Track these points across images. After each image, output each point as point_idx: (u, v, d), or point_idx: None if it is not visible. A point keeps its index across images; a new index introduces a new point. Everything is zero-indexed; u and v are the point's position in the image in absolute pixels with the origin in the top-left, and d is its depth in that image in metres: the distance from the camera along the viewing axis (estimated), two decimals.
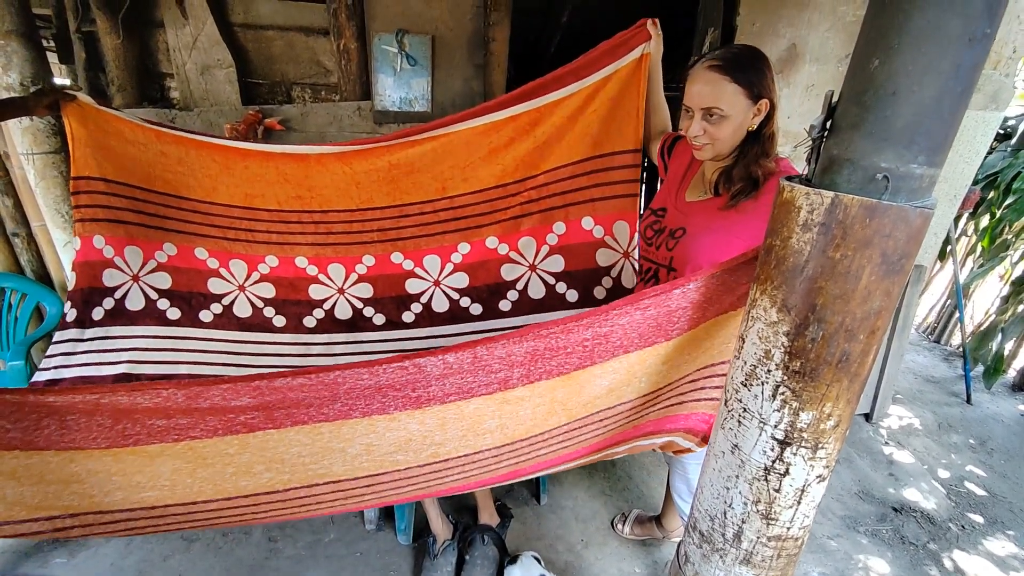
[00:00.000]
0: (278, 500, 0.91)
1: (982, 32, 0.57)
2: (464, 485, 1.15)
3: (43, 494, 0.80)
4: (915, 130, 0.61)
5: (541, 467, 1.20)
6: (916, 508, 2.20)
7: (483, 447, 0.95)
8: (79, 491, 0.81)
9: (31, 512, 0.82)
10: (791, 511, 0.79)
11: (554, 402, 0.91)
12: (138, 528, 0.92)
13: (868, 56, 0.63)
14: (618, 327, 0.84)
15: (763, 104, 1.11)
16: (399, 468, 0.93)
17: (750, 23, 2.06)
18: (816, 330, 0.70)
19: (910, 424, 2.82)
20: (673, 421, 1.19)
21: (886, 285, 0.66)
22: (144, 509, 0.87)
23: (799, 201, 0.68)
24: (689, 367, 1.02)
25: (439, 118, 2.15)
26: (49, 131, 2.01)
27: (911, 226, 0.63)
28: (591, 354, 0.85)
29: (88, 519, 0.86)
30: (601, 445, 1.17)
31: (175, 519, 0.90)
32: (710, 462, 0.89)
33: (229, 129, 2.01)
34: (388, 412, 0.82)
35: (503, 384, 0.84)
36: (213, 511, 0.90)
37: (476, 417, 0.88)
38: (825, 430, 0.74)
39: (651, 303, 0.83)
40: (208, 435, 0.79)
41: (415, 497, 1.20)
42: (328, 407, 0.80)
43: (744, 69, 1.09)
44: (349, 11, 1.98)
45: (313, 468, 0.87)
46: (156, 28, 2.06)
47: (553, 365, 0.85)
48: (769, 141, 1.15)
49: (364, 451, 0.86)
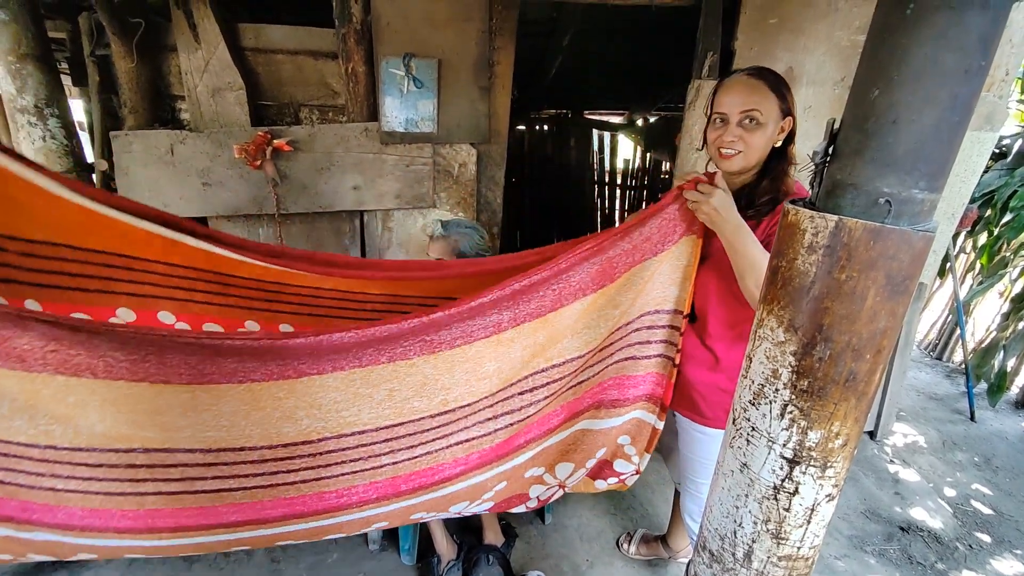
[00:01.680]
0: (310, 454, 1.00)
1: (977, 64, 0.60)
2: (466, 460, 1.17)
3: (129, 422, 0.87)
4: (916, 157, 0.64)
5: (530, 432, 1.27)
6: (923, 527, 2.19)
7: (483, 394, 1.10)
8: (160, 422, 0.88)
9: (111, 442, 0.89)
10: (801, 530, 0.80)
11: (536, 344, 1.12)
12: (191, 477, 0.96)
13: (868, 86, 0.65)
14: (575, 274, 1.12)
15: (788, 121, 1.15)
16: (415, 418, 1.05)
17: (748, 47, 2.11)
18: (823, 349, 0.71)
19: (915, 442, 2.81)
20: (633, 383, 1.36)
21: (891, 306, 0.68)
22: (201, 452, 0.93)
23: (804, 224, 0.70)
24: (633, 310, 1.26)
25: (444, 140, 2.21)
26: (61, 151, 2.05)
27: (914, 249, 0.65)
28: (560, 297, 1.11)
29: (157, 456, 0.92)
30: (579, 405, 1.35)
31: (224, 468, 0.97)
32: (719, 481, 0.90)
33: (238, 149, 2.05)
34: (409, 358, 0.99)
35: (496, 327, 1.05)
36: (255, 462, 0.97)
37: (477, 359, 1.05)
38: (834, 449, 0.75)
39: (590, 252, 1.14)
40: (266, 379, 0.90)
41: (425, 472, 1.14)
42: (363, 352, 0.96)
43: (779, 84, 1.15)
44: (358, 36, 2.03)
45: (344, 415, 0.98)
46: (169, 52, 2.10)
47: (532, 307, 1.08)
48: (787, 161, 1.19)
49: (387, 396, 1.00)
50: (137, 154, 2.08)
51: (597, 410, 1.39)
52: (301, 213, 2.26)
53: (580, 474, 1.48)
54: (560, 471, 1.45)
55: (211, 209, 2.19)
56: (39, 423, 0.84)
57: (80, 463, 0.90)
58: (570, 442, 1.42)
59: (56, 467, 0.89)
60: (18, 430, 0.84)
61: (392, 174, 2.22)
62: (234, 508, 1.02)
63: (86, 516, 0.96)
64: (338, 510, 1.11)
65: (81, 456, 0.89)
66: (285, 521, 1.09)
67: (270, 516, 1.06)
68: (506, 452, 1.26)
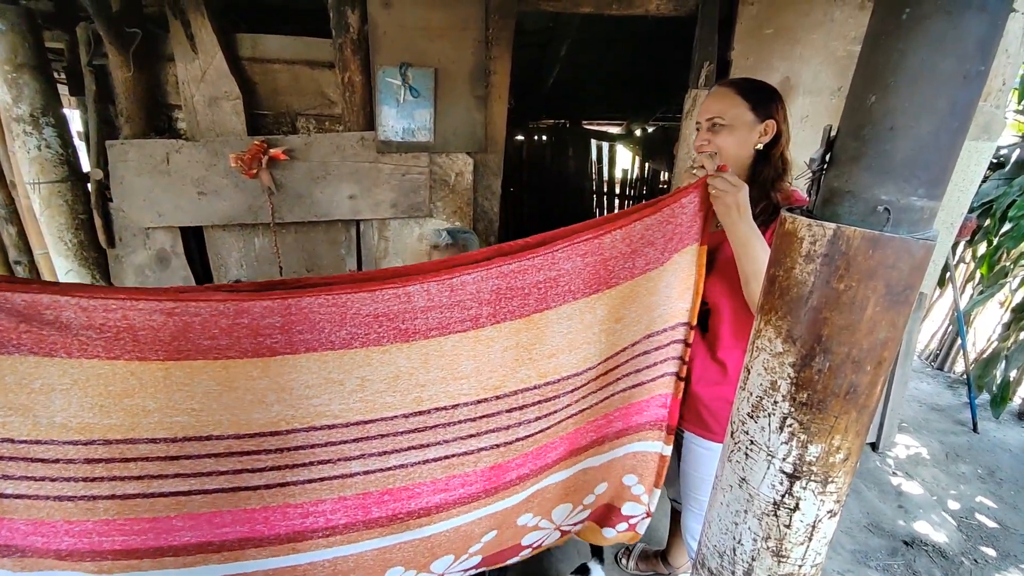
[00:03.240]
0: (277, 449, 0.94)
1: (976, 70, 0.59)
2: (447, 484, 1.06)
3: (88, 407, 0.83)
4: (914, 164, 0.62)
5: (524, 466, 1.13)
6: (927, 541, 2.15)
7: (461, 399, 1.00)
8: (127, 406, 0.84)
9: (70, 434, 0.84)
10: (802, 548, 0.77)
11: (519, 347, 1.01)
12: (150, 475, 0.90)
13: (865, 92, 0.64)
14: (564, 272, 0.99)
15: (769, 124, 1.15)
16: (387, 416, 0.97)
17: (744, 57, 2.11)
18: (822, 361, 0.69)
19: (917, 454, 2.78)
20: (638, 410, 1.27)
21: (891, 316, 0.66)
22: (165, 442, 0.88)
23: (801, 232, 0.69)
24: (638, 328, 1.15)
25: (440, 149, 2.20)
26: (56, 160, 2.04)
27: (914, 257, 0.63)
28: (545, 297, 1.00)
29: (118, 449, 0.86)
30: (582, 439, 1.23)
31: (187, 463, 0.90)
32: (717, 496, 0.87)
33: (234, 159, 2.04)
34: (381, 344, 0.92)
35: (474, 322, 0.96)
36: (221, 455, 0.91)
37: (454, 355, 0.97)
38: (835, 463, 0.72)
39: (587, 249, 1.00)
40: (241, 356, 0.86)
41: (400, 493, 1.03)
42: (335, 333, 0.88)
43: (751, 88, 1.18)
44: (355, 46, 2.03)
45: (314, 403, 0.92)
46: (166, 62, 2.10)
47: (515, 305, 0.98)
48: (782, 164, 1.19)
49: (359, 386, 0.93)
50: (133, 163, 2.07)
51: (601, 445, 1.29)
52: (297, 222, 2.25)
53: (579, 515, 1.40)
54: (557, 515, 1.35)
55: (206, 218, 2.18)
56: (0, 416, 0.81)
57: (36, 458, 0.85)
58: (570, 485, 1.30)
59: (9, 465, 0.84)
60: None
61: (388, 183, 2.21)
62: (190, 522, 0.94)
63: (30, 532, 0.89)
64: (302, 538, 1.00)
65: (38, 450, 0.84)
66: (242, 548, 0.98)
67: (226, 538, 0.97)
68: (495, 487, 1.12)
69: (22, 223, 2.47)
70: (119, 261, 2.24)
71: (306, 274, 2.39)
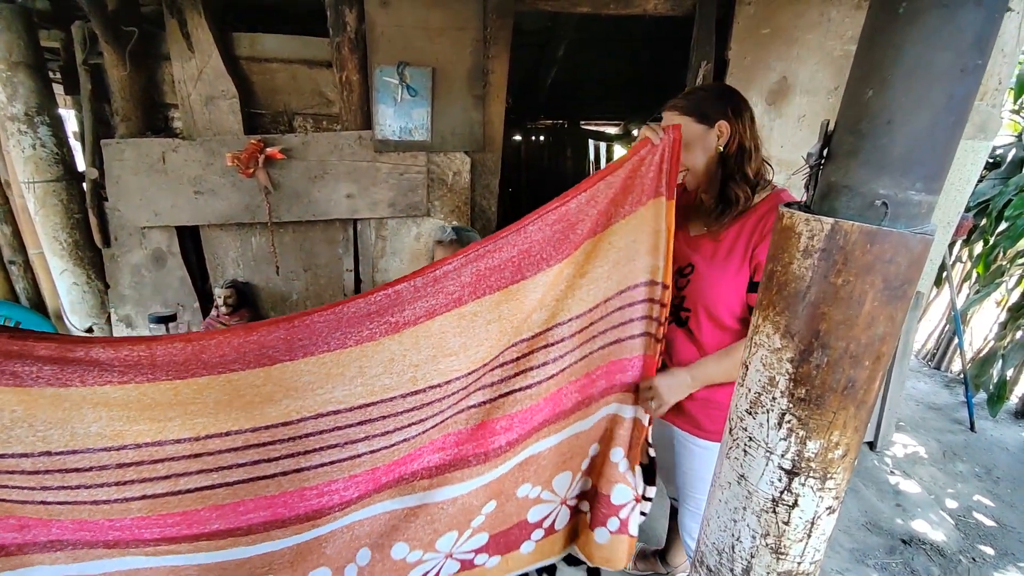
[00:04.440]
0: (289, 438, 1.01)
1: (973, 64, 0.59)
2: (443, 442, 1.14)
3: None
4: (911, 158, 0.62)
5: (511, 429, 1.19)
6: (925, 540, 2.15)
7: (452, 374, 1.07)
8: (149, 416, 0.93)
9: None
10: (801, 545, 0.77)
11: (502, 319, 1.09)
12: (176, 473, 0.98)
13: (862, 87, 0.64)
14: (535, 243, 1.07)
15: (721, 126, 1.17)
16: (386, 398, 1.05)
17: (741, 57, 2.12)
18: (820, 356, 0.69)
19: (915, 452, 2.78)
20: (621, 368, 1.28)
21: (889, 311, 0.66)
22: (189, 441, 0.96)
23: (799, 227, 0.69)
24: (609, 284, 1.19)
25: (438, 148, 2.20)
26: (51, 160, 2.03)
27: (912, 252, 0.63)
28: (520, 268, 1.07)
29: (147, 452, 0.95)
30: (565, 400, 1.25)
31: (209, 459, 0.98)
32: (716, 493, 0.87)
33: (231, 158, 2.03)
34: (375, 339, 1.00)
35: (457, 302, 1.04)
36: (239, 449, 0.99)
37: (441, 335, 1.04)
38: (833, 459, 0.72)
39: (555, 217, 1.07)
40: (243, 368, 0.95)
41: (403, 461, 1.11)
42: (332, 336, 0.98)
43: (692, 99, 1.21)
44: (352, 45, 2.03)
45: (319, 392, 1.00)
46: (162, 60, 2.10)
47: (492, 281, 1.06)
48: (736, 160, 1.19)
49: (358, 373, 1.02)
50: (128, 162, 2.06)
51: (588, 407, 1.31)
52: (294, 221, 2.25)
53: (579, 484, 1.39)
54: (559, 485, 1.36)
55: (203, 218, 2.18)
56: (38, 429, 0.89)
57: (71, 468, 0.93)
58: (565, 451, 1.33)
59: (46, 478, 0.92)
60: (17, 439, 0.89)
61: (386, 182, 2.21)
62: (216, 513, 1.01)
63: (77, 529, 0.97)
64: (320, 515, 1.08)
65: (73, 460, 0.92)
66: (267, 531, 1.06)
67: (252, 523, 1.04)
68: (486, 450, 1.18)
69: (17, 223, 2.46)
70: (115, 260, 2.23)
71: (303, 273, 2.38)
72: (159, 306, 2.31)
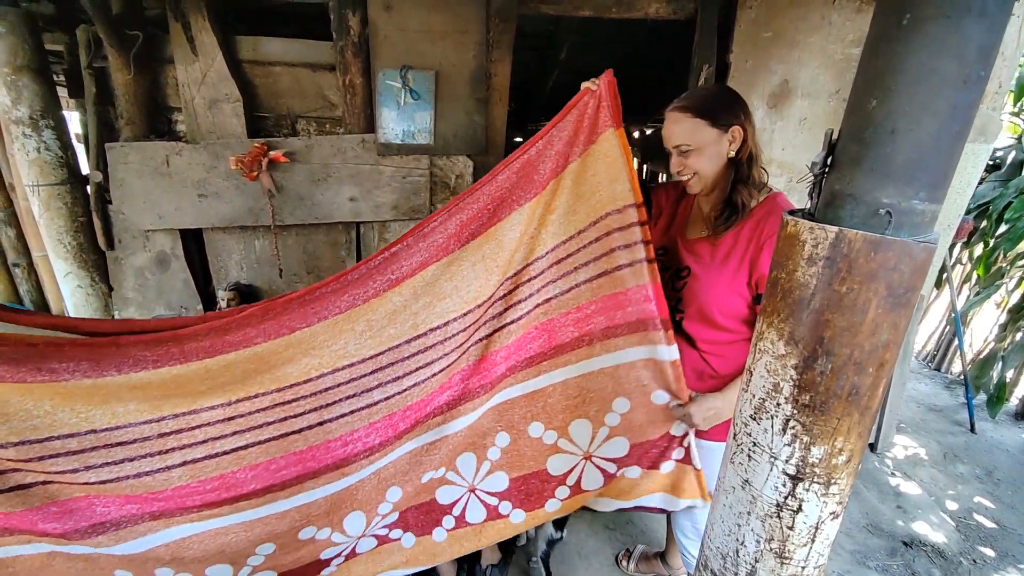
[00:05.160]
0: (312, 393, 1.14)
1: (976, 74, 0.60)
2: (450, 383, 1.24)
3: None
4: (915, 167, 0.63)
5: (512, 360, 1.27)
6: (926, 542, 2.16)
7: (450, 315, 1.21)
8: (182, 391, 1.06)
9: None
10: (805, 549, 0.78)
11: (485, 259, 1.21)
12: (212, 437, 1.09)
13: (866, 96, 0.65)
14: (506, 188, 1.19)
15: (735, 131, 1.16)
16: (393, 345, 1.19)
17: (743, 60, 2.12)
18: (825, 363, 0.70)
19: (916, 454, 2.79)
20: (619, 304, 1.25)
21: (893, 318, 0.66)
22: (222, 406, 1.08)
23: (803, 235, 0.69)
24: (579, 216, 1.22)
25: (441, 151, 2.21)
26: (55, 163, 2.04)
27: (916, 260, 0.64)
28: (496, 212, 1.20)
29: (184, 420, 1.06)
30: (561, 333, 1.27)
31: (241, 420, 1.10)
32: (720, 497, 0.88)
33: (234, 161, 2.04)
34: (379, 295, 1.17)
35: (445, 250, 1.19)
36: (267, 408, 1.11)
37: (434, 281, 1.19)
38: (837, 465, 0.73)
39: (520, 164, 1.19)
40: (266, 339, 1.11)
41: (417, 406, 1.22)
42: (340, 299, 1.15)
43: (704, 102, 1.18)
44: (355, 48, 2.03)
45: (333, 349, 1.15)
46: (166, 64, 2.10)
47: (473, 228, 1.19)
48: (746, 166, 1.19)
49: (366, 327, 1.17)
50: (133, 165, 2.07)
51: (591, 346, 1.27)
52: (297, 225, 2.25)
53: (611, 446, 1.33)
54: (576, 433, 1.33)
55: (206, 221, 2.18)
56: (79, 412, 0.99)
57: (115, 443, 1.03)
58: (573, 394, 1.30)
59: (92, 455, 1.02)
60: (62, 422, 0.98)
61: (389, 185, 2.21)
62: (251, 473, 1.12)
63: (124, 503, 1.07)
64: (346, 464, 1.19)
65: (117, 435, 1.03)
66: (300, 483, 1.16)
67: (286, 478, 1.15)
68: (491, 380, 1.26)
69: (21, 226, 2.47)
70: (118, 263, 2.24)
71: (306, 276, 2.39)
72: (163, 309, 2.32)
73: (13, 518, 1.03)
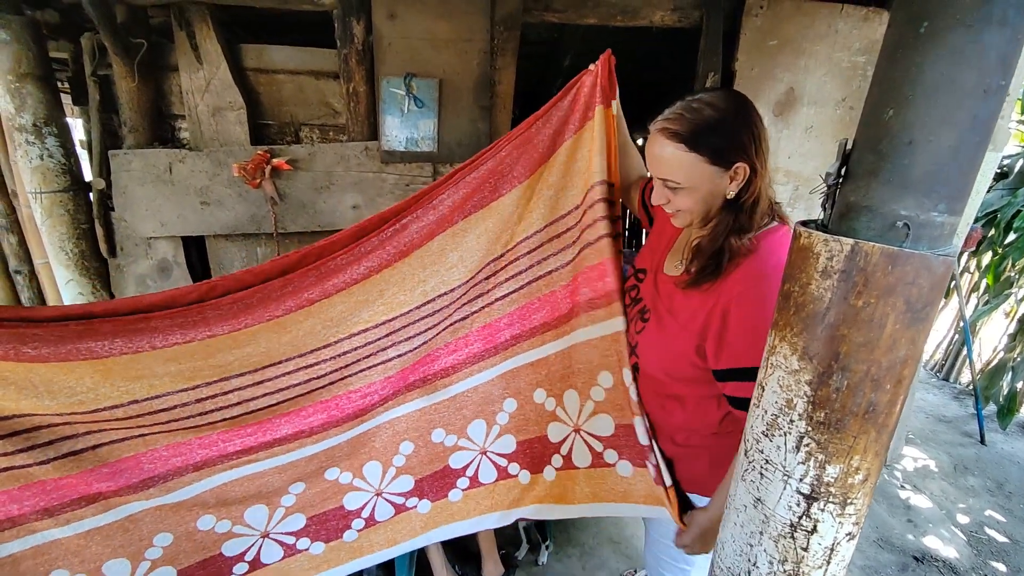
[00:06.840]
0: (332, 357, 1.26)
1: (997, 84, 0.58)
2: (455, 345, 1.34)
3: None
4: (934, 179, 0.61)
5: (516, 329, 1.35)
6: (937, 556, 2.11)
7: (455, 283, 1.29)
8: (211, 364, 1.16)
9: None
10: (820, 572, 0.75)
11: (488, 231, 1.29)
12: (245, 399, 1.21)
13: (882, 106, 0.63)
14: (506, 165, 1.26)
15: (739, 168, 0.94)
16: (403, 311, 1.28)
17: (748, 68, 2.11)
18: (840, 379, 0.68)
19: (925, 466, 2.75)
20: (600, 275, 1.27)
21: (911, 334, 0.64)
22: (250, 373, 1.20)
23: (817, 247, 0.67)
24: (573, 193, 1.28)
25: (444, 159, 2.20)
26: (58, 170, 2.04)
27: (934, 274, 0.62)
28: (497, 187, 1.27)
29: (218, 386, 1.18)
30: (560, 304, 1.34)
31: (270, 384, 1.22)
32: (731, 516, 0.85)
33: (237, 168, 2.03)
34: (391, 264, 1.24)
35: (450, 222, 1.26)
36: (292, 372, 1.23)
37: (440, 251, 1.27)
38: (854, 484, 0.71)
39: (520, 140, 1.25)
40: (287, 312, 1.19)
41: (426, 360, 1.33)
42: (355, 270, 1.22)
43: (703, 133, 0.93)
44: (359, 56, 2.03)
45: (350, 319, 1.25)
46: (170, 72, 2.10)
47: (476, 200, 1.27)
48: (748, 213, 0.97)
49: (378, 296, 1.26)
50: (135, 173, 2.07)
51: (579, 317, 1.30)
52: (300, 232, 2.24)
53: (588, 408, 1.35)
54: (569, 403, 1.37)
55: (209, 228, 2.17)
56: (119, 385, 1.09)
57: (159, 409, 1.14)
58: (567, 362, 1.36)
59: (140, 420, 1.13)
60: (105, 395, 1.08)
61: (392, 193, 2.20)
62: (284, 419, 1.24)
63: (172, 454, 1.18)
64: (364, 412, 1.30)
65: (157, 403, 1.13)
66: (326, 431, 1.28)
67: (313, 425, 1.26)
68: (495, 344, 1.36)
69: (23, 232, 2.46)
70: (120, 271, 2.23)
71: None
72: None
73: (70, 480, 1.12)
